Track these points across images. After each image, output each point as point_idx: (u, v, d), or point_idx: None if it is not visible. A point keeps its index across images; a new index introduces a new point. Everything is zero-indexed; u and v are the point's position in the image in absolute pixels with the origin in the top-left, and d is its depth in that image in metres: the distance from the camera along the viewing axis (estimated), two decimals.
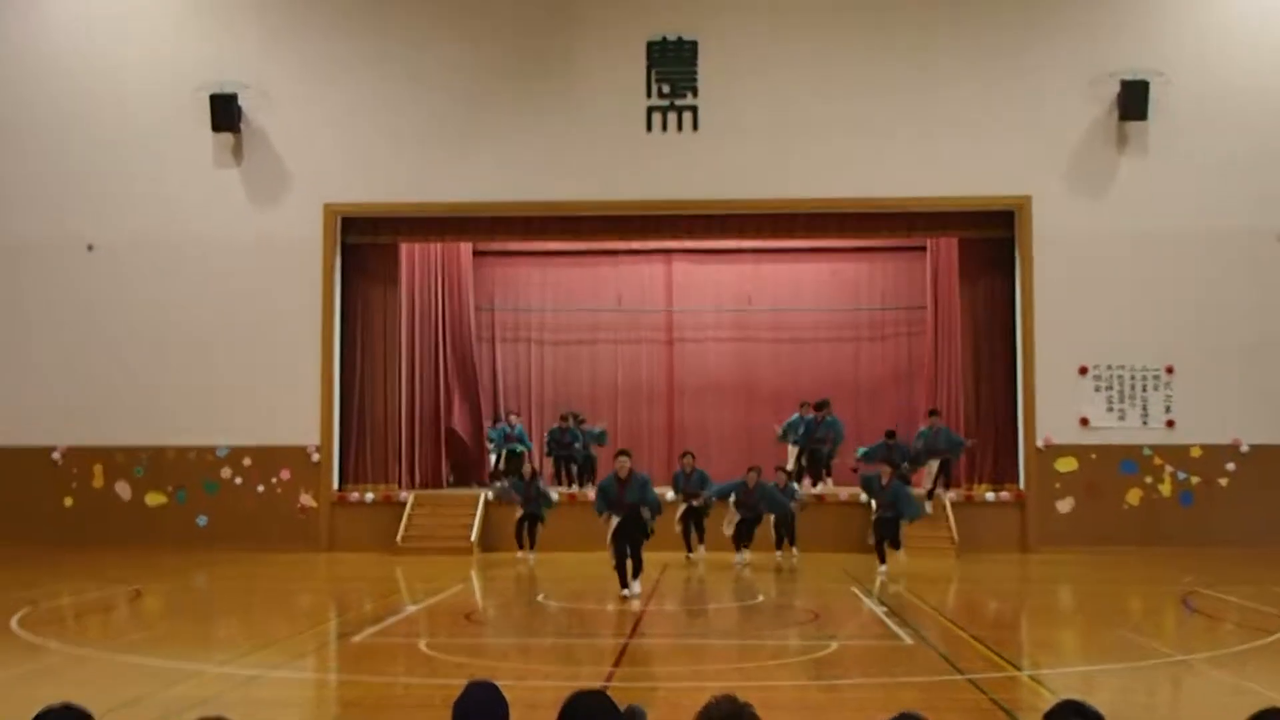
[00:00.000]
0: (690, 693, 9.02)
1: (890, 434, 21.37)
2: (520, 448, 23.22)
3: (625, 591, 14.64)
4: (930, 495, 20.99)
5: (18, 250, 22.24)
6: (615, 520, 14.78)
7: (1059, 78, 21.57)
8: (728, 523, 18.87)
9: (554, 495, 20.67)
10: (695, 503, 19.25)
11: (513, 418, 24.07)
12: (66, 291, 22.22)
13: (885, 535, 18.21)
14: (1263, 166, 21.29)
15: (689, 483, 19.42)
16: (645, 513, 14.81)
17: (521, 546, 19.85)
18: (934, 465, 21.41)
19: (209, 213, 22.16)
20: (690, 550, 19.43)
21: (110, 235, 22.24)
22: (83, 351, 22.09)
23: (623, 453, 15.46)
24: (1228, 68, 21.47)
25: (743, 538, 18.87)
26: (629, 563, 14.74)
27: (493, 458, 23.62)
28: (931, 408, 22.74)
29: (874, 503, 18.93)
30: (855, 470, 21.39)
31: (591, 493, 17.62)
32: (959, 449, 21.62)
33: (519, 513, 20.11)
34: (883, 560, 18.03)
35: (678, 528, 19.30)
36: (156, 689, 9.56)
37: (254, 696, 9.38)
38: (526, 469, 20.85)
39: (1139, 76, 21.18)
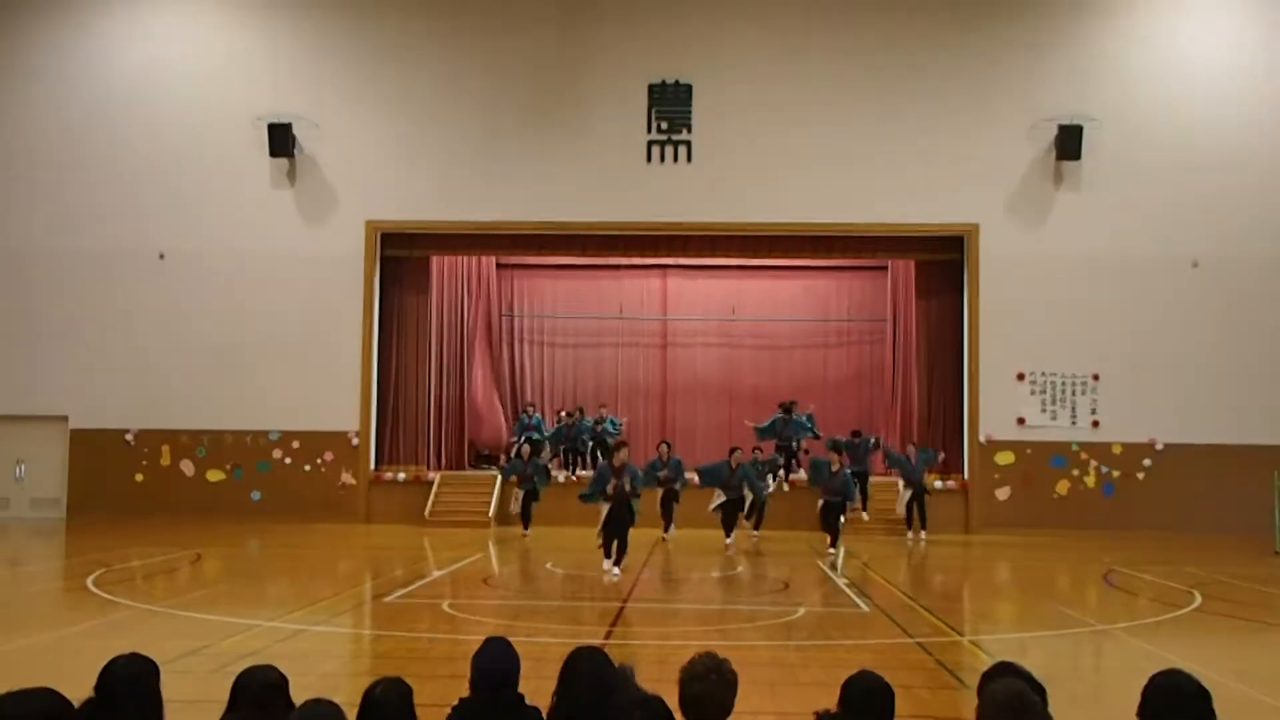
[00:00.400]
0: (676, 650, 9.04)
1: (855, 433, 21.27)
2: (536, 435, 23.11)
3: (607, 566, 14.09)
4: (922, 523, 19.87)
5: (99, 258, 22.22)
6: (606, 508, 14.24)
7: (1005, 121, 21.61)
8: (714, 502, 18.33)
9: (551, 473, 20.37)
10: (677, 486, 18.10)
11: (530, 409, 24.00)
12: (141, 295, 22.21)
13: (830, 520, 17.74)
14: (1180, 202, 21.34)
15: (666, 469, 18.26)
16: (634, 503, 14.24)
17: (526, 526, 19.42)
18: (904, 495, 19.99)
19: (266, 228, 22.17)
20: (666, 530, 18.41)
21: (180, 246, 22.23)
22: (154, 347, 22.08)
23: (621, 445, 15.12)
24: (1153, 116, 21.52)
25: (729, 522, 18.22)
26: (614, 546, 14.17)
27: (514, 445, 23.15)
28: (911, 441, 21.64)
29: (821, 488, 18.23)
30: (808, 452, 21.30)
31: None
32: (934, 457, 20.54)
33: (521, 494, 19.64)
34: (834, 543, 17.56)
35: (659, 509, 18.34)
36: (213, 641, 9.56)
37: (299, 648, 9.38)
38: (525, 449, 20.38)
39: (1074, 121, 21.23)
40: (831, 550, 17.26)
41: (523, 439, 22.67)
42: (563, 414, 23.79)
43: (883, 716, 4.06)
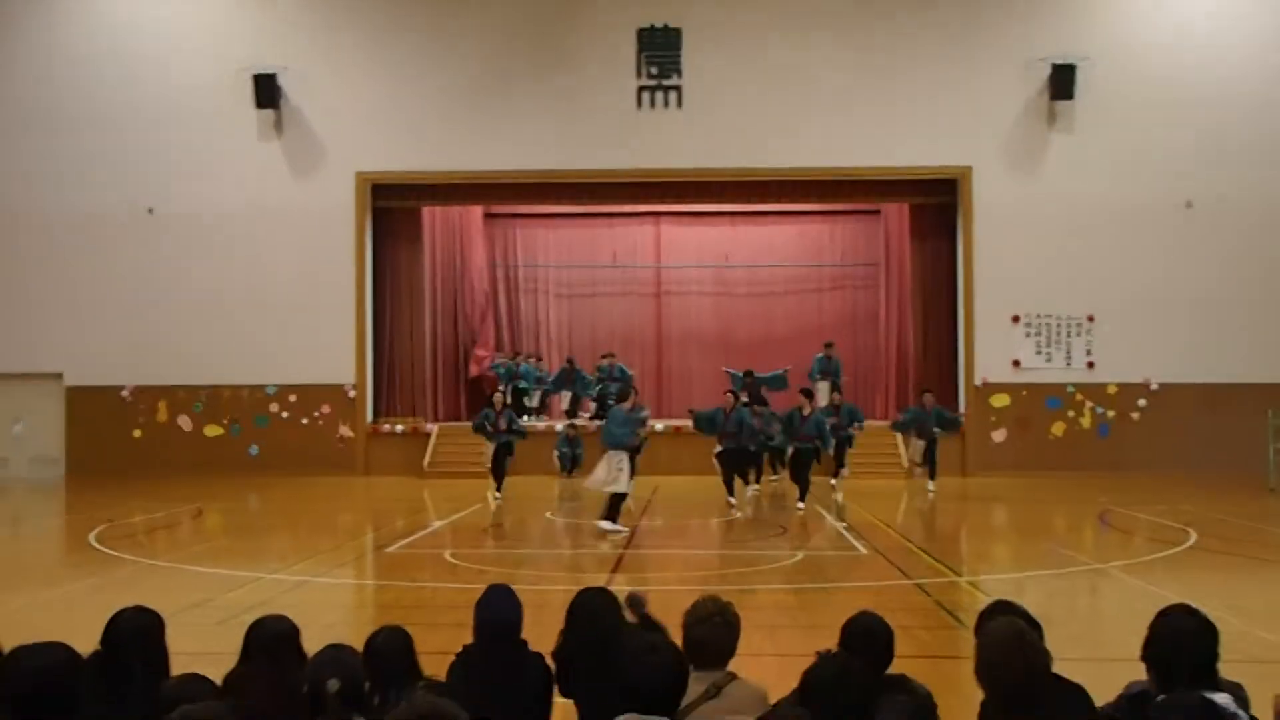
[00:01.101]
0: (679, 595, 9.11)
1: (828, 344, 21.46)
2: (524, 384, 22.97)
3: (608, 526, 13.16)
4: (930, 475, 18.54)
5: (89, 216, 22.09)
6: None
7: (998, 61, 21.46)
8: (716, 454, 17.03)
9: (523, 427, 18.10)
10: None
11: (520, 358, 23.88)
12: (132, 251, 22.10)
13: (799, 471, 16.25)
14: (1174, 142, 21.24)
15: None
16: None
17: (498, 485, 17.20)
18: (918, 445, 18.81)
19: (254, 181, 22.03)
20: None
21: (169, 201, 22.10)
22: (147, 303, 22.00)
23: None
24: (1147, 54, 21.36)
25: (731, 475, 16.53)
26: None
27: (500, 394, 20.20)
28: (925, 387, 20.05)
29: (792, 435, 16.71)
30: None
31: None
32: (954, 427, 19.56)
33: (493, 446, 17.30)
34: (802, 496, 15.98)
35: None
36: (217, 593, 9.63)
37: (303, 599, 9.45)
38: (498, 399, 17.94)
39: (1068, 60, 21.07)
40: (800, 505, 15.76)
41: (510, 387, 22.23)
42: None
43: (883, 655, 4.11)
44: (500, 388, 21.27)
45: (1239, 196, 21.25)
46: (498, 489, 17.15)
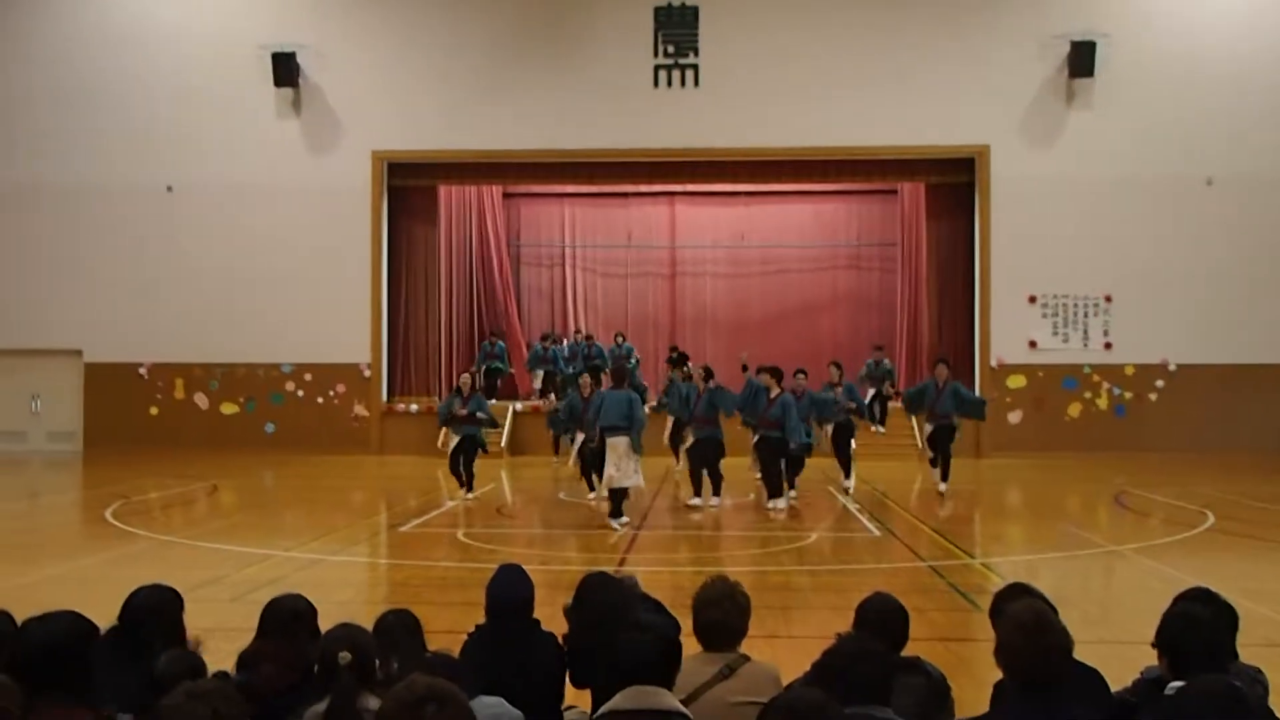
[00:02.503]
0: (690, 575, 9.12)
1: (878, 348, 21.53)
2: (498, 364, 22.74)
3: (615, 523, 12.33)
4: (943, 474, 15.31)
5: (107, 194, 22.13)
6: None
7: (1016, 38, 21.27)
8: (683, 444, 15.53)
9: (492, 414, 15.53)
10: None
11: (493, 338, 23.48)
12: (150, 227, 22.16)
13: (767, 463, 14.04)
14: (1194, 119, 21.04)
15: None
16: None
17: (461, 484, 14.63)
18: (928, 428, 15.65)
19: (272, 159, 22.03)
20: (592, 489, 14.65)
21: (187, 179, 22.12)
22: (165, 280, 22.06)
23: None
24: (1166, 31, 21.14)
25: (696, 473, 14.18)
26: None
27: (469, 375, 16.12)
28: (940, 356, 17.19)
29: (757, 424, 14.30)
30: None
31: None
32: (977, 410, 15.73)
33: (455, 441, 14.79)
34: (772, 494, 13.94)
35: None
36: (232, 570, 9.66)
37: (317, 577, 9.47)
38: (465, 380, 15.15)
39: (1087, 37, 20.87)
40: (770, 505, 13.72)
41: (483, 368, 21.61)
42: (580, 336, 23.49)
43: (898, 637, 4.09)
44: (471, 369, 19.36)
45: (1260, 173, 21.05)
46: (467, 489, 14.63)
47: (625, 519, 12.29)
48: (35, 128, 22.28)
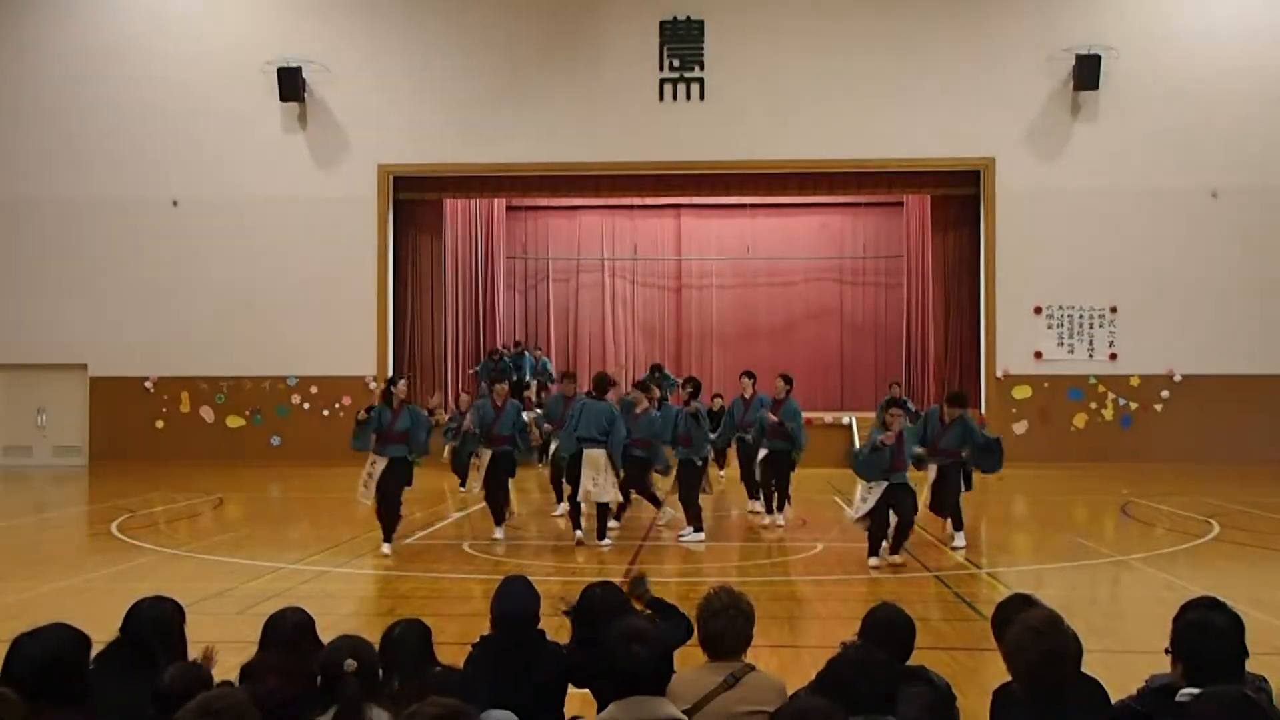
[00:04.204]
0: (696, 586, 9.11)
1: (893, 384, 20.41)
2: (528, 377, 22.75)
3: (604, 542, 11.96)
4: (954, 520, 11.78)
5: (113, 208, 22.20)
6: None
7: (1021, 51, 21.30)
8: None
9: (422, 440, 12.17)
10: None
11: (504, 350, 23.40)
12: (156, 242, 22.22)
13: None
14: (1198, 131, 21.05)
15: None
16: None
17: (385, 533, 11.55)
18: (931, 472, 11.78)
19: (278, 173, 22.10)
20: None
21: (193, 193, 22.19)
22: (171, 294, 22.11)
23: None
24: (1170, 44, 21.17)
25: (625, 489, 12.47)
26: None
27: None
28: (954, 392, 13.03)
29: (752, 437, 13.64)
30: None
31: None
32: (992, 458, 11.75)
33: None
34: (769, 509, 13.29)
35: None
36: (238, 583, 9.67)
37: (322, 589, 9.48)
38: (501, 390, 13.01)
39: (1092, 51, 20.90)
40: (599, 541, 11.89)
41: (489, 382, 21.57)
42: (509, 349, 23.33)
43: (903, 647, 4.10)
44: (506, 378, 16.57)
45: (1265, 185, 21.05)
46: (506, 514, 12.85)
47: (609, 541, 11.87)
48: (41, 142, 22.37)
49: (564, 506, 13.45)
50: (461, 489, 16.08)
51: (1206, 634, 3.56)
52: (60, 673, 3.41)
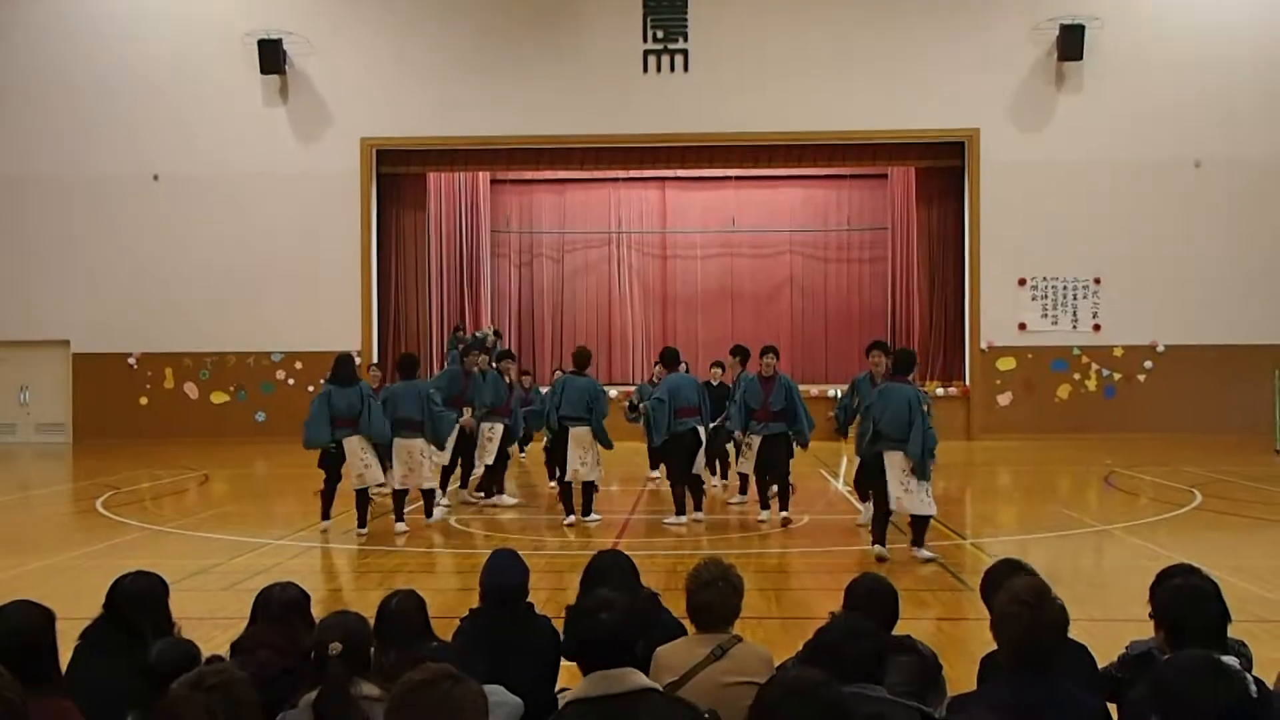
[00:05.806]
0: (684, 558, 9.15)
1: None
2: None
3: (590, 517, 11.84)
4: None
5: (95, 183, 22.03)
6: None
7: (1005, 21, 21.26)
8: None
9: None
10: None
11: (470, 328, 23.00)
12: (138, 217, 22.07)
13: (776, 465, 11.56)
14: (1183, 102, 21.07)
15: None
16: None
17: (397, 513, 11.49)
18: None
19: (259, 146, 21.94)
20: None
21: (174, 167, 22.03)
22: (153, 270, 21.98)
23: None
24: (1154, 15, 21.16)
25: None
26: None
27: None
28: (874, 340, 12.49)
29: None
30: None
31: None
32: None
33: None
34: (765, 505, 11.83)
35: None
36: (224, 559, 9.68)
37: (309, 565, 9.49)
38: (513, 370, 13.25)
39: (1076, 21, 20.87)
40: (585, 517, 11.67)
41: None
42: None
43: (889, 616, 4.13)
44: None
45: (1248, 156, 21.10)
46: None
47: (598, 516, 11.78)
48: (20, 116, 22.16)
49: (554, 485, 13.11)
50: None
51: (1191, 600, 3.60)
52: (27, 651, 3.37)
